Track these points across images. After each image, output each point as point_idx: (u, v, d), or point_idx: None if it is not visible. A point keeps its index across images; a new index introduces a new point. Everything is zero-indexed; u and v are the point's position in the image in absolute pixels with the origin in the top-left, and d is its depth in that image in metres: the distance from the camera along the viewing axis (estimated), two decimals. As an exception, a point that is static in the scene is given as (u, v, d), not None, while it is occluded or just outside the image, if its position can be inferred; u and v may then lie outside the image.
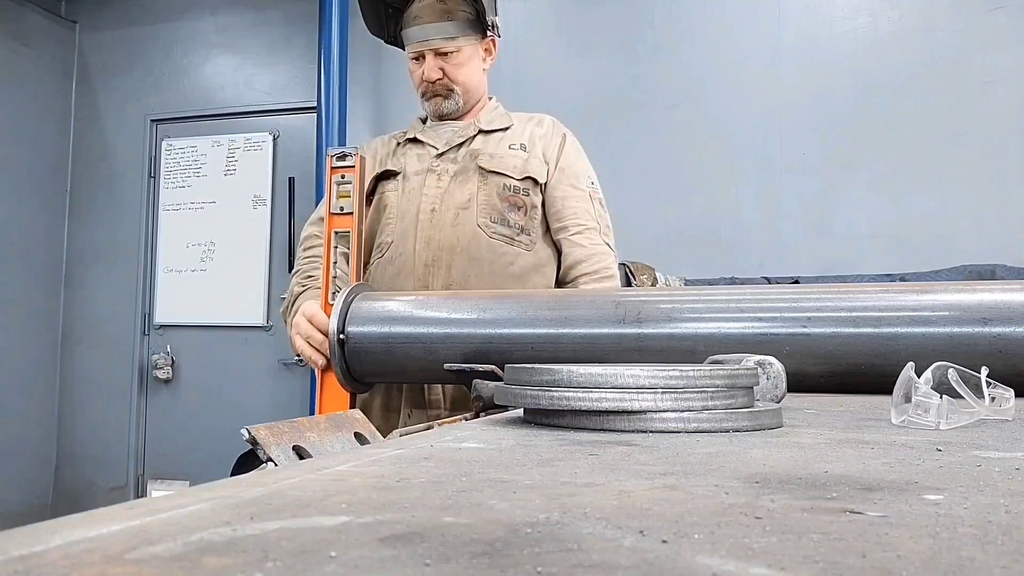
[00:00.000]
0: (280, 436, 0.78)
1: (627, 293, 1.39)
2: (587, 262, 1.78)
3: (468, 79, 1.85)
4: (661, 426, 0.70)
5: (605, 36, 4.03)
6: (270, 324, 4.55)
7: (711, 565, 0.28)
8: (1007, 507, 0.39)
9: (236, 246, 4.65)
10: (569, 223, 1.79)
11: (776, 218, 3.71)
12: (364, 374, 1.50)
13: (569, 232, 1.79)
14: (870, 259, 3.49)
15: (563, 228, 1.79)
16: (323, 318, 1.59)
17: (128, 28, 4.94)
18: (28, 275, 4.73)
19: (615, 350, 1.28)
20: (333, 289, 1.63)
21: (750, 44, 3.82)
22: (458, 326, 1.39)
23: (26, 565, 0.28)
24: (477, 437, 0.67)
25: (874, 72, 3.63)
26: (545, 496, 0.41)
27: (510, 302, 1.41)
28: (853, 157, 3.64)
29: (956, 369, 0.74)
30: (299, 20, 4.55)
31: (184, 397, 4.70)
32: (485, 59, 1.90)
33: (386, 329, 1.44)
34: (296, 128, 4.59)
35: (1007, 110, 3.46)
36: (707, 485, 0.45)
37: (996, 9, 3.49)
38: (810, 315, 1.22)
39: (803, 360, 1.21)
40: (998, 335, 1.12)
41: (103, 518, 0.35)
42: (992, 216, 3.43)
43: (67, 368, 4.88)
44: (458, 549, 0.30)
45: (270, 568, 0.28)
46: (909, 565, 0.28)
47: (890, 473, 0.49)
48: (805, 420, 0.80)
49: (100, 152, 4.93)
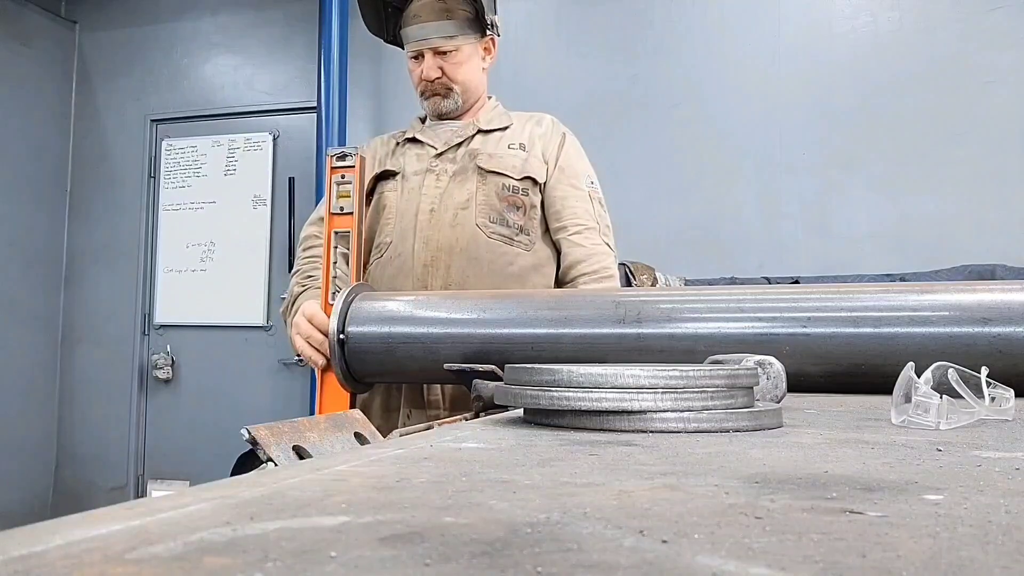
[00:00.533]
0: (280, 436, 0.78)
1: (627, 293, 1.39)
2: (586, 262, 1.77)
3: (467, 78, 1.85)
4: (661, 426, 0.70)
5: (605, 36, 4.03)
6: (270, 324, 4.55)
7: (711, 565, 0.28)
8: (1007, 507, 0.39)
9: (236, 246, 4.65)
10: (568, 223, 1.79)
11: (776, 218, 3.71)
12: (364, 374, 1.50)
13: (568, 232, 1.79)
14: (870, 259, 3.49)
15: (562, 228, 1.79)
16: (323, 318, 1.59)
17: (128, 28, 4.94)
18: (28, 275, 4.73)
19: (615, 350, 1.28)
20: (333, 289, 1.63)
21: (750, 44, 3.82)
22: (458, 326, 1.39)
23: (26, 565, 0.28)
24: (477, 437, 0.67)
25: (874, 72, 3.63)
26: (545, 496, 0.41)
27: (510, 302, 1.41)
28: (853, 157, 3.63)
29: (956, 369, 0.74)
30: (299, 20, 4.55)
31: (184, 397, 4.70)
32: (485, 58, 1.90)
33: (386, 329, 1.44)
34: (296, 128, 4.59)
35: (1007, 110, 3.46)
36: (707, 485, 0.45)
37: (996, 9, 3.49)
38: (810, 315, 1.22)
39: (803, 360, 1.21)
40: (998, 335, 1.12)
41: (103, 518, 0.35)
42: (992, 216, 3.43)
43: (67, 368, 4.88)
44: (458, 549, 0.30)
45: (270, 568, 0.28)
46: (909, 565, 0.28)
47: (890, 473, 0.49)
48: (805, 420, 0.80)
49: (100, 152, 4.93)
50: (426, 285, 1.70)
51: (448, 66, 1.82)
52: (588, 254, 1.78)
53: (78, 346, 4.87)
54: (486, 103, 1.92)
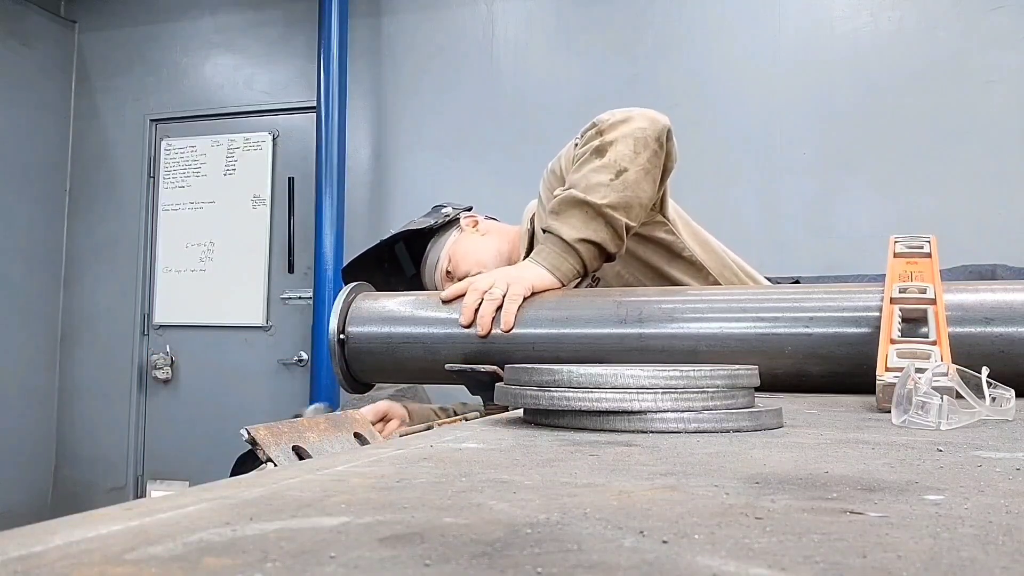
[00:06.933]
0: (280, 436, 0.78)
1: (629, 293, 1.39)
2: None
3: (482, 260, 1.77)
4: (661, 426, 0.70)
5: (605, 36, 4.03)
6: (270, 324, 4.55)
7: (711, 566, 0.28)
8: (1008, 507, 0.39)
9: (236, 246, 4.65)
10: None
11: (776, 218, 3.71)
12: (364, 374, 1.50)
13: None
14: (871, 259, 3.48)
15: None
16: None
17: (128, 28, 4.93)
18: (27, 275, 4.73)
19: (617, 350, 1.28)
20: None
21: (750, 44, 3.82)
22: (459, 326, 1.38)
23: (26, 565, 0.28)
24: (477, 437, 0.67)
25: (874, 72, 3.63)
26: (545, 496, 0.41)
27: (510, 302, 1.40)
28: (853, 157, 3.63)
29: (957, 369, 0.74)
30: (299, 20, 4.55)
31: (184, 397, 4.69)
32: (474, 233, 1.83)
33: (387, 329, 1.44)
34: (296, 128, 4.59)
35: (1007, 110, 3.45)
36: (707, 485, 0.45)
37: (996, 9, 3.49)
38: (812, 315, 1.22)
39: (805, 360, 1.21)
40: (1000, 335, 1.12)
41: (102, 518, 0.35)
42: (992, 216, 3.43)
43: (66, 368, 4.87)
44: (458, 549, 0.30)
45: (270, 568, 0.28)
46: (909, 566, 0.28)
47: (890, 473, 0.49)
48: (805, 420, 0.80)
49: (100, 152, 4.93)
50: None
51: (460, 271, 1.75)
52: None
53: (77, 346, 4.87)
54: (522, 234, 1.79)
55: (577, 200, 1.42)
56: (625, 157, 1.44)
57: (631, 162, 1.44)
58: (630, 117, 1.49)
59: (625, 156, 1.44)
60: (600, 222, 1.41)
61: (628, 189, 1.43)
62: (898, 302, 1.06)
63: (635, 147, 1.45)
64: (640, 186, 1.45)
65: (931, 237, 1.20)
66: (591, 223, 1.41)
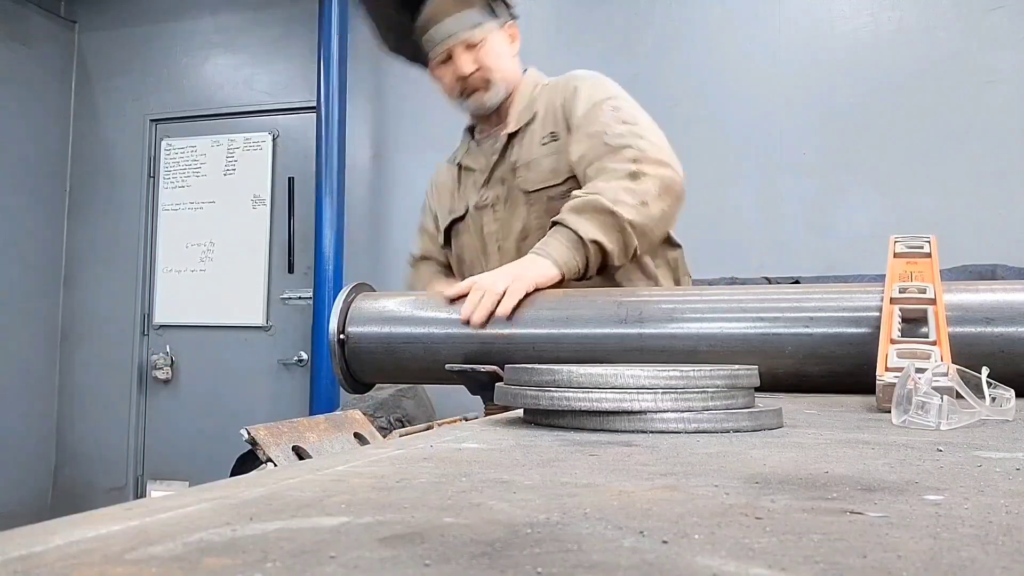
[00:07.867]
0: (280, 436, 0.78)
1: (629, 293, 1.39)
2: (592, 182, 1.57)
3: (502, 65, 1.77)
4: (661, 426, 0.70)
5: (605, 36, 4.03)
6: (270, 324, 4.55)
7: (711, 566, 0.28)
8: (1008, 507, 0.39)
9: (236, 246, 4.65)
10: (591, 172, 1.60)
11: (776, 218, 3.71)
12: (364, 374, 1.50)
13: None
14: (871, 259, 3.48)
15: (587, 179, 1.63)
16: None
17: (128, 28, 4.93)
18: (27, 275, 4.73)
19: (617, 350, 1.28)
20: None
21: (750, 44, 3.82)
22: (459, 326, 1.38)
23: (26, 565, 0.28)
24: (477, 437, 0.67)
25: (874, 72, 3.63)
26: (545, 496, 0.41)
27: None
28: (853, 157, 3.63)
29: (957, 369, 0.74)
30: (299, 20, 4.55)
31: (184, 397, 4.69)
32: (511, 44, 1.83)
33: (387, 329, 1.44)
34: (296, 128, 4.59)
35: (1007, 110, 3.45)
36: (707, 485, 0.45)
37: (996, 9, 3.49)
38: (812, 315, 1.22)
39: (805, 360, 1.21)
40: (1000, 335, 1.12)
41: (103, 518, 0.35)
42: (992, 216, 3.43)
43: (66, 368, 4.87)
44: (458, 549, 0.30)
45: (270, 568, 0.28)
46: (909, 565, 0.28)
47: (890, 473, 0.49)
48: (805, 420, 0.80)
49: (100, 152, 4.93)
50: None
51: (481, 55, 1.74)
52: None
53: (77, 346, 4.87)
54: (518, 93, 1.83)
55: (603, 207, 1.48)
56: (651, 195, 1.53)
57: (655, 200, 1.54)
58: (665, 163, 1.59)
59: (652, 194, 1.53)
60: (617, 234, 1.49)
61: (650, 220, 1.53)
62: (898, 302, 1.06)
63: (661, 191, 1.55)
64: (658, 224, 1.56)
65: (931, 237, 1.20)
66: (610, 231, 1.48)
